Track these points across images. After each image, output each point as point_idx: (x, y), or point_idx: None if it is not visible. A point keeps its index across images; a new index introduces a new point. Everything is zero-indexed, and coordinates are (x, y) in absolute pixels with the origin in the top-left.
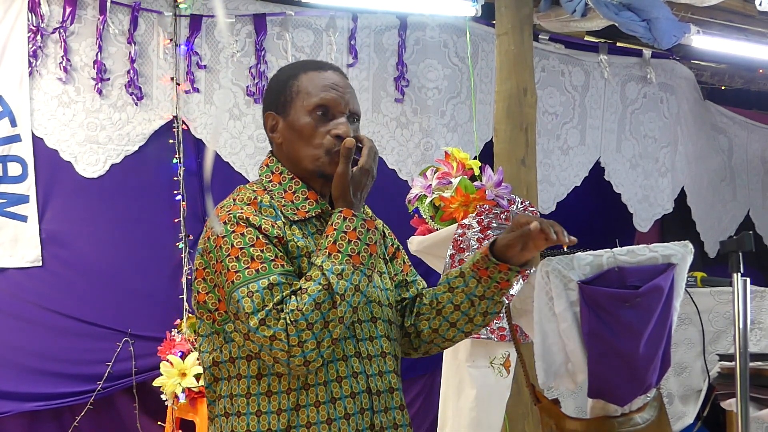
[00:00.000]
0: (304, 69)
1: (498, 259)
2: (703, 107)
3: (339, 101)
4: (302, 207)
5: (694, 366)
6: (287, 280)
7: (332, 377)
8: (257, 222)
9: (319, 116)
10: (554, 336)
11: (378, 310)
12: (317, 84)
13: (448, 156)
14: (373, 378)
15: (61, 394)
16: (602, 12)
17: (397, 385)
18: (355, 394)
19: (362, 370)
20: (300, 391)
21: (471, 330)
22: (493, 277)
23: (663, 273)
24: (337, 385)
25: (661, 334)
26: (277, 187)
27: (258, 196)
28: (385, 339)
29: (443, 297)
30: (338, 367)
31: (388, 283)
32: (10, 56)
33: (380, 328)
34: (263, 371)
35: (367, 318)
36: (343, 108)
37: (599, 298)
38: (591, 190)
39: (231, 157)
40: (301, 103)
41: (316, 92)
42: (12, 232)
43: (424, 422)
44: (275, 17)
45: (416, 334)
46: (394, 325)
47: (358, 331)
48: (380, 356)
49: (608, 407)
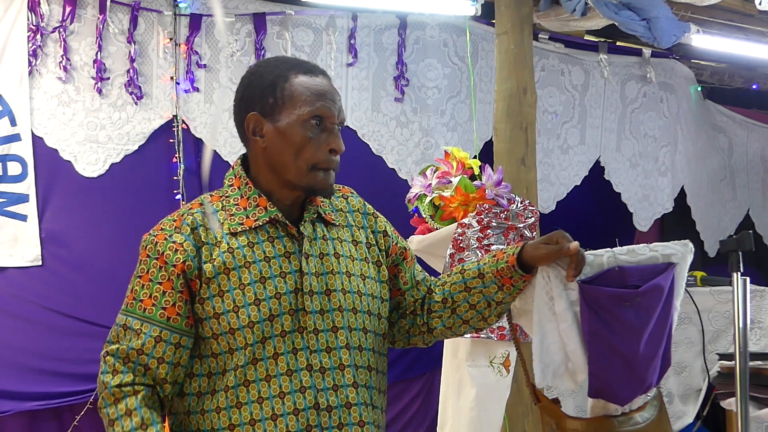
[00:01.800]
0: (293, 71)
1: (524, 270)
2: (702, 106)
3: (333, 112)
4: (252, 215)
5: (694, 365)
6: (143, 348)
7: (274, 393)
8: (162, 249)
9: (314, 126)
10: (554, 336)
11: (340, 319)
12: (311, 91)
13: (448, 155)
14: (323, 392)
15: (61, 393)
16: (602, 11)
17: (355, 400)
18: (299, 410)
19: (312, 385)
20: (231, 410)
21: (483, 327)
22: (516, 285)
23: (663, 272)
24: (279, 401)
25: (662, 333)
26: (235, 192)
27: (192, 210)
28: (345, 350)
29: (459, 296)
30: (281, 382)
31: (372, 288)
32: (10, 55)
33: (341, 339)
34: (203, 390)
35: (327, 327)
36: (336, 119)
37: (599, 297)
38: (591, 190)
39: (230, 157)
40: (295, 110)
41: (311, 101)
42: (12, 232)
43: (424, 422)
44: (275, 16)
45: (428, 330)
46: (371, 333)
47: (312, 342)
48: (338, 369)
49: (608, 406)
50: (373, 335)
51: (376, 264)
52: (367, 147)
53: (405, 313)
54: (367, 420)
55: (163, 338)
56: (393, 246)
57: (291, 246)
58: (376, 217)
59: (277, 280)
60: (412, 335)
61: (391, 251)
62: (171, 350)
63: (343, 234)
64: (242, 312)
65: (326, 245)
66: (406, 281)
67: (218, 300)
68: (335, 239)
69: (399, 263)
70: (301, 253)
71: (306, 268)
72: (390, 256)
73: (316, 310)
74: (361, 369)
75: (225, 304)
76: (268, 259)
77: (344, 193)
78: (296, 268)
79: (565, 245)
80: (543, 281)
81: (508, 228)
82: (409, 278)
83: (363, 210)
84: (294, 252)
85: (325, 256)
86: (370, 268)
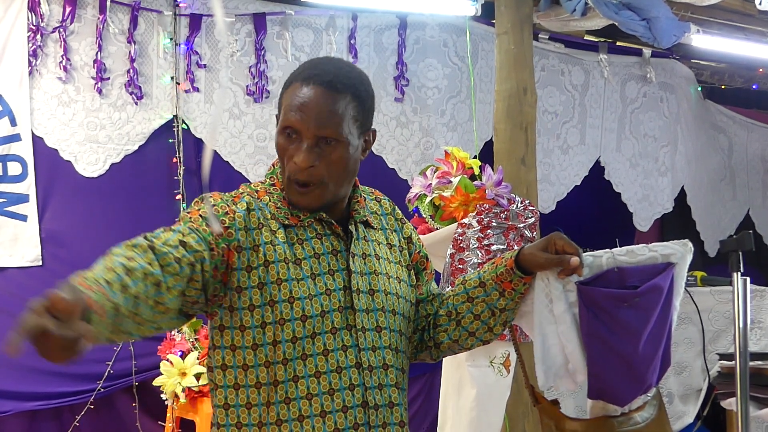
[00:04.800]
0: (297, 78)
1: (523, 272)
2: (702, 106)
3: (305, 125)
4: (295, 214)
5: (694, 365)
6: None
7: (324, 389)
8: (214, 201)
9: (287, 137)
10: (554, 337)
11: (383, 320)
12: (291, 102)
13: (448, 155)
14: (371, 391)
15: (61, 393)
16: (602, 11)
17: (397, 401)
18: (347, 408)
19: (360, 383)
20: (280, 405)
21: (490, 339)
22: (517, 289)
23: (662, 272)
24: (329, 398)
25: (661, 333)
26: (277, 191)
27: (246, 195)
28: (389, 350)
29: (462, 307)
30: (331, 378)
31: (406, 291)
32: (10, 55)
33: (384, 339)
34: (241, 382)
35: (372, 327)
36: (307, 132)
37: (598, 298)
38: (591, 190)
39: (231, 156)
40: (281, 117)
41: (287, 111)
42: (12, 232)
43: (424, 422)
44: (275, 16)
45: (435, 345)
46: (404, 336)
47: (361, 341)
48: (382, 368)
49: (608, 407)
50: (406, 339)
51: (407, 268)
52: None
53: (416, 328)
54: (405, 421)
55: (188, 243)
56: (415, 254)
57: (337, 244)
58: (403, 223)
59: (326, 277)
60: (420, 351)
61: (413, 258)
62: (189, 259)
63: (380, 237)
64: (297, 304)
65: (368, 246)
66: (422, 292)
67: (275, 288)
68: (374, 241)
69: (419, 272)
70: (348, 251)
71: (353, 267)
72: (412, 264)
73: (363, 309)
74: (399, 371)
75: (282, 294)
76: (317, 256)
77: (377, 196)
78: (343, 266)
79: (566, 259)
80: (542, 283)
81: (508, 228)
82: (425, 290)
83: (394, 214)
84: (341, 251)
85: (368, 257)
86: (403, 271)
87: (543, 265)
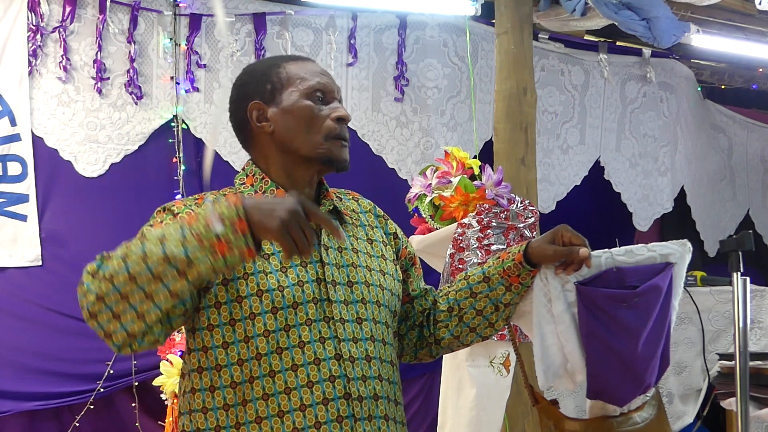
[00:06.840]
0: (283, 60)
1: (531, 266)
2: (702, 106)
3: (332, 87)
4: None
5: (693, 365)
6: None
7: (302, 382)
8: (177, 211)
9: (318, 99)
10: (552, 337)
11: (364, 311)
12: (308, 70)
13: (448, 155)
14: (354, 382)
15: (60, 393)
16: (602, 11)
17: (382, 393)
18: (328, 400)
19: (342, 374)
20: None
21: (489, 335)
22: (524, 282)
23: (661, 272)
24: (308, 391)
25: (660, 333)
26: (248, 188)
27: (210, 194)
28: (371, 341)
29: (465, 303)
30: (309, 371)
31: (391, 284)
32: (10, 55)
33: (366, 330)
34: (216, 384)
35: (352, 318)
36: (336, 94)
37: (596, 298)
38: (591, 190)
39: (231, 156)
40: (296, 87)
41: (311, 77)
42: (12, 232)
43: (424, 422)
44: (275, 16)
45: (436, 342)
46: (390, 328)
47: (340, 332)
48: (365, 359)
49: (607, 407)
50: (393, 331)
51: (393, 262)
52: (367, 147)
53: (414, 324)
54: (391, 415)
55: None
56: (402, 249)
57: None
58: (386, 220)
59: (297, 269)
60: (419, 348)
61: (400, 255)
62: None
63: (358, 232)
64: (266, 296)
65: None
66: (414, 288)
67: (242, 283)
68: (351, 236)
69: (408, 268)
70: (320, 244)
71: (326, 259)
72: (399, 260)
73: (341, 300)
74: (386, 363)
75: (249, 288)
76: None
77: (354, 195)
78: (316, 258)
79: (575, 250)
80: (541, 283)
81: (508, 228)
82: (417, 286)
83: (374, 211)
84: (313, 244)
85: (344, 250)
86: (388, 264)
87: (552, 257)
